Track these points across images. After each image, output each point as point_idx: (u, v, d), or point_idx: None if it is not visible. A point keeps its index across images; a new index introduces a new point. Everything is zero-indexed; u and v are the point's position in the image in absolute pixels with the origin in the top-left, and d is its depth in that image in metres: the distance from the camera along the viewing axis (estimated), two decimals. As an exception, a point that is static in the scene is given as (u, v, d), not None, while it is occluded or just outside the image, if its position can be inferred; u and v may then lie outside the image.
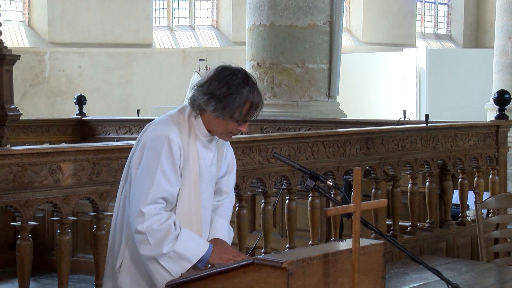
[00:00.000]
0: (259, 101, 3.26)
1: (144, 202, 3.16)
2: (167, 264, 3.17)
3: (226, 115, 3.23)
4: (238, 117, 3.24)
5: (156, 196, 3.17)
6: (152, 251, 3.16)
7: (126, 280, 3.33)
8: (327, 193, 3.49)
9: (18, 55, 6.57)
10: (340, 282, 3.05)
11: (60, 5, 14.54)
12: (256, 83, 3.31)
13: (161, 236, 3.16)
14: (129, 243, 3.31)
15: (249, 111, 3.25)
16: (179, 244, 3.17)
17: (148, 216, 3.16)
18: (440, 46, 20.48)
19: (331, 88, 9.20)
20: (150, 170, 3.19)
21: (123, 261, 3.33)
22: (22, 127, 8.77)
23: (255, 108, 3.26)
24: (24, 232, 4.28)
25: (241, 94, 3.22)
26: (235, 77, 3.25)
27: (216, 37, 16.78)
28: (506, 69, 10.72)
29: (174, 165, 3.20)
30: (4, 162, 4.14)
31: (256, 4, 9.21)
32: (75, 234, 7.10)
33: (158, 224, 3.17)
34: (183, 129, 3.27)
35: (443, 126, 6.84)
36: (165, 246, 3.15)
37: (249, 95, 3.23)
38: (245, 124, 3.30)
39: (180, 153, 3.23)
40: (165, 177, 3.19)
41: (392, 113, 14.03)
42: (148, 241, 3.16)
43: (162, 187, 3.19)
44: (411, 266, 4.47)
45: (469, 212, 6.97)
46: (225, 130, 3.30)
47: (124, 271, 3.33)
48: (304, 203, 5.71)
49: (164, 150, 3.19)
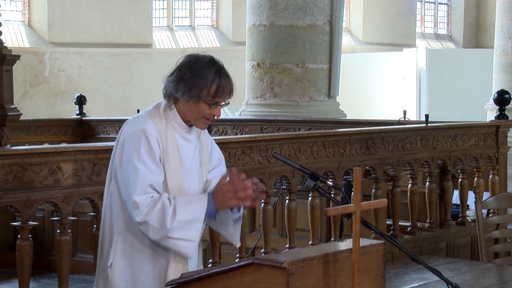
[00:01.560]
0: (226, 83, 3.32)
1: (135, 194, 3.24)
2: (180, 234, 3.23)
3: (194, 96, 3.30)
4: (206, 97, 3.30)
5: (143, 186, 3.24)
6: (160, 232, 3.22)
7: (119, 276, 3.36)
8: (327, 193, 3.49)
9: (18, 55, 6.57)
10: (340, 282, 3.05)
11: (60, 5, 14.54)
12: (224, 67, 3.37)
13: (161, 216, 3.22)
14: (119, 241, 3.35)
15: (217, 92, 3.30)
16: (179, 213, 3.22)
17: (143, 205, 3.23)
18: (440, 46, 20.48)
19: (331, 88, 9.20)
20: (133, 164, 3.26)
21: (114, 258, 3.36)
22: (22, 127, 8.77)
23: (222, 89, 3.31)
24: (24, 232, 4.28)
25: (206, 75, 3.29)
26: (200, 61, 3.33)
27: (216, 37, 16.78)
28: (506, 69, 10.72)
29: (153, 156, 3.27)
30: (4, 162, 4.14)
31: (256, 4, 9.21)
32: (75, 234, 7.10)
33: (153, 208, 3.23)
34: (160, 122, 3.34)
35: (443, 126, 6.85)
36: (168, 222, 3.21)
37: (215, 76, 3.30)
38: (217, 107, 3.34)
39: (158, 145, 3.29)
40: (147, 169, 3.26)
41: (392, 113, 14.03)
42: (152, 226, 3.22)
43: (147, 177, 3.25)
44: (411, 266, 4.47)
45: (469, 212, 6.97)
46: (198, 115, 3.34)
47: (116, 268, 3.36)
48: (304, 203, 5.71)
49: (142, 143, 3.27)
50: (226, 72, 3.35)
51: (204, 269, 3.21)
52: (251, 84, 9.34)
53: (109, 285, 3.37)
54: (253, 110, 9.23)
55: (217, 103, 3.33)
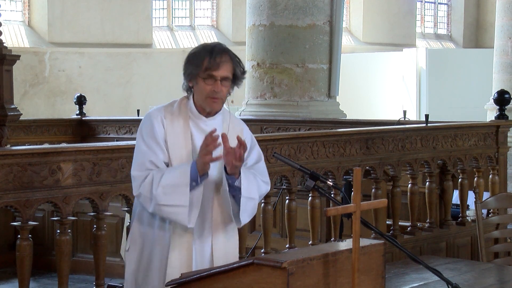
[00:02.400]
0: (217, 55, 3.42)
1: (133, 169, 3.44)
2: (168, 200, 3.34)
3: (193, 76, 3.44)
4: (202, 74, 3.42)
5: (142, 162, 3.42)
6: (151, 201, 3.36)
7: (133, 260, 3.54)
8: (327, 193, 3.50)
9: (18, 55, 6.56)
10: (340, 282, 3.05)
11: (60, 5, 14.54)
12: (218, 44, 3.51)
13: (150, 186, 3.36)
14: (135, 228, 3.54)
15: (208, 65, 3.41)
16: (163, 179, 3.34)
17: (139, 178, 3.41)
18: (440, 46, 20.47)
19: (331, 88, 9.20)
20: (137, 144, 3.48)
21: (131, 244, 3.56)
22: (22, 127, 8.77)
23: (213, 61, 3.41)
24: (24, 232, 4.28)
25: (198, 54, 3.46)
26: (195, 47, 3.53)
27: (216, 37, 16.77)
28: (506, 69, 10.71)
29: (154, 135, 3.43)
30: (4, 162, 4.14)
31: (256, 4, 9.21)
32: (75, 234, 7.10)
33: (145, 180, 3.38)
34: (172, 110, 3.51)
35: (443, 126, 6.85)
36: (154, 189, 3.34)
37: (205, 52, 3.43)
38: (215, 82, 3.41)
39: (163, 126, 3.45)
40: (147, 146, 3.43)
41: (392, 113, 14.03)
42: (144, 197, 3.38)
43: (147, 155, 3.42)
44: (411, 266, 4.47)
45: (469, 212, 6.97)
46: (202, 95, 3.45)
47: (131, 253, 3.56)
48: (304, 203, 5.71)
49: (145, 125, 3.47)
50: (219, 47, 3.46)
51: (204, 269, 3.21)
52: (251, 84, 9.34)
53: (126, 267, 3.58)
54: (253, 110, 9.23)
55: (212, 77, 3.42)
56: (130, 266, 3.55)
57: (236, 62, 3.47)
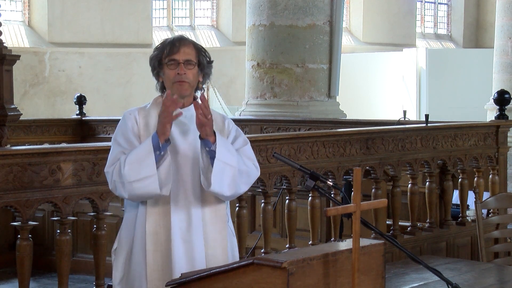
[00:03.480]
0: (176, 40, 3.51)
1: (106, 166, 3.48)
2: (136, 174, 3.35)
3: (157, 65, 3.52)
4: (164, 60, 3.48)
5: (114, 157, 3.46)
6: (123, 184, 3.37)
7: (119, 260, 3.56)
8: (327, 193, 3.49)
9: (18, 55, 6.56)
10: (340, 282, 3.05)
11: (60, 5, 14.54)
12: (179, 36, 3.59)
13: (118, 170, 3.40)
14: (124, 230, 3.56)
15: (169, 50, 3.48)
16: (129, 157, 3.39)
17: (110, 172, 3.45)
18: (440, 46, 20.48)
19: (331, 88, 9.20)
20: (112, 144, 3.54)
21: (118, 244, 3.58)
22: (22, 127, 8.77)
23: (172, 45, 3.49)
24: (24, 232, 4.28)
25: (159, 46, 3.55)
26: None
27: (216, 37, 16.78)
28: (506, 69, 10.71)
29: (126, 133, 3.48)
30: (4, 162, 4.14)
31: (256, 4, 9.21)
32: (75, 234, 7.10)
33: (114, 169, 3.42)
34: (145, 107, 3.57)
35: (443, 126, 6.84)
36: (122, 169, 3.37)
37: (166, 41, 3.54)
38: (179, 66, 3.46)
39: (136, 122, 3.49)
40: (119, 144, 3.48)
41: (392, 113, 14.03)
42: (118, 184, 3.40)
43: (116, 151, 3.47)
44: (411, 266, 4.47)
45: (469, 212, 6.97)
46: (170, 81, 3.49)
47: (118, 253, 3.58)
48: (304, 203, 5.71)
49: (119, 125, 3.54)
50: (178, 36, 3.56)
51: (204, 269, 3.21)
52: (251, 84, 9.34)
53: (113, 266, 3.60)
54: (253, 110, 9.23)
55: (175, 61, 3.47)
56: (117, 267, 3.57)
57: (198, 49, 3.52)
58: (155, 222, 3.44)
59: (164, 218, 3.45)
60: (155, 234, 3.44)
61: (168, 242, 3.44)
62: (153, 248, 3.44)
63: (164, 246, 3.44)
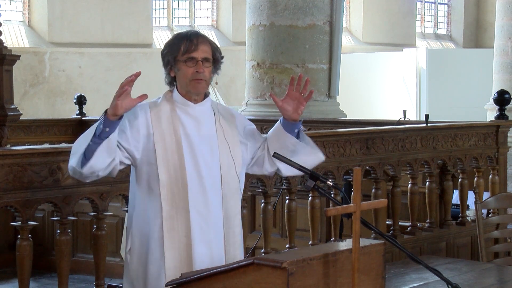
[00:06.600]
0: (193, 37, 3.48)
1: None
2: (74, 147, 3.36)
3: (173, 62, 3.47)
4: (181, 57, 3.44)
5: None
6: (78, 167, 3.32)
7: (134, 260, 3.46)
8: (327, 193, 3.49)
9: (18, 55, 6.56)
10: (340, 282, 3.05)
11: (60, 5, 14.53)
12: (194, 31, 3.59)
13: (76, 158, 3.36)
14: (136, 229, 3.46)
15: (187, 47, 3.44)
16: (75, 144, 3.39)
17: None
18: (440, 46, 20.48)
19: (331, 88, 9.20)
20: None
21: (131, 245, 3.48)
22: (22, 127, 8.77)
23: (190, 42, 3.45)
24: (24, 232, 4.28)
25: (173, 41, 3.52)
26: (169, 40, 3.59)
27: (216, 37, 16.77)
28: (506, 69, 10.72)
29: (130, 120, 3.45)
30: (4, 162, 4.14)
31: (256, 4, 9.21)
32: (75, 234, 7.10)
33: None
34: (156, 102, 3.53)
35: (443, 126, 6.85)
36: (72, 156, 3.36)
37: (182, 37, 3.49)
38: (197, 64, 3.43)
39: (146, 117, 3.46)
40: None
41: (392, 113, 14.03)
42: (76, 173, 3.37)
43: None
44: (411, 266, 4.47)
45: (469, 212, 6.97)
46: (186, 79, 3.46)
47: (132, 254, 3.47)
48: (304, 203, 5.70)
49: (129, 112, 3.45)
50: (193, 31, 3.53)
51: (204, 269, 3.20)
52: (251, 84, 9.34)
53: (126, 268, 3.51)
54: (253, 110, 9.23)
55: (193, 59, 3.43)
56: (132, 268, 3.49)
57: (213, 45, 3.51)
58: (171, 218, 3.38)
59: (181, 214, 3.39)
60: (173, 230, 3.39)
61: (188, 239, 3.39)
62: (171, 245, 3.39)
63: (184, 242, 3.39)
